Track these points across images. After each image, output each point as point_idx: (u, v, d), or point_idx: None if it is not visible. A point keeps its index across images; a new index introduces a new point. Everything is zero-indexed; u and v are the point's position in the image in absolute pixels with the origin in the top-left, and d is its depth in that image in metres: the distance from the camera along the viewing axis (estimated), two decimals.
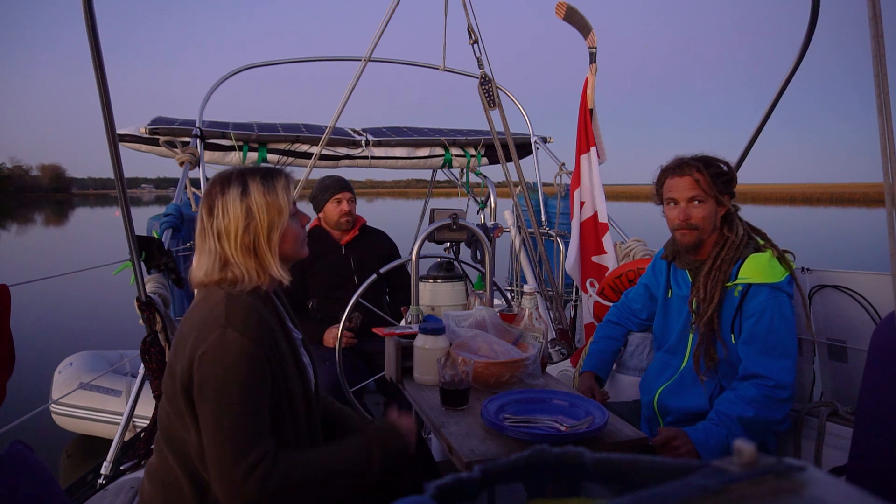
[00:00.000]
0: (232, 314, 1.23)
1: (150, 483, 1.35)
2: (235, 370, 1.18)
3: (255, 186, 1.31)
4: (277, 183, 1.34)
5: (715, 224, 1.81)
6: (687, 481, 0.37)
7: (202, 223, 1.32)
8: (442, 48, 3.80)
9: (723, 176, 1.79)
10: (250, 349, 1.20)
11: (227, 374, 1.18)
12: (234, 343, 1.19)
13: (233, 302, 1.26)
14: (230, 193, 1.30)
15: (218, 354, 1.19)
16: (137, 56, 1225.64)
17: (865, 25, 1.14)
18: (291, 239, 1.37)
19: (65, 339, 7.20)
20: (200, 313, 1.28)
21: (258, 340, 1.22)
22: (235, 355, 1.19)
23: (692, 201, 1.79)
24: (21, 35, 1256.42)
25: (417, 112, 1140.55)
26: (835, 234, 23.92)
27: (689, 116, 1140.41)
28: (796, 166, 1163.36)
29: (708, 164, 1.80)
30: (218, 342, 1.19)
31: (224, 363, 1.19)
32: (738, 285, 1.75)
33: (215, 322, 1.22)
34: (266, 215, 1.31)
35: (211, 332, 1.21)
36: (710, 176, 1.77)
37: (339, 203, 2.94)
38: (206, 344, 1.20)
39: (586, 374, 2.09)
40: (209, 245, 1.31)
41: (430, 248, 2.61)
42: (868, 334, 1.52)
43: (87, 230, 31.28)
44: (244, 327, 1.22)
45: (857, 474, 1.44)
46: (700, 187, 1.77)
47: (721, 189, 1.79)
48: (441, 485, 0.42)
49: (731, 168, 1.83)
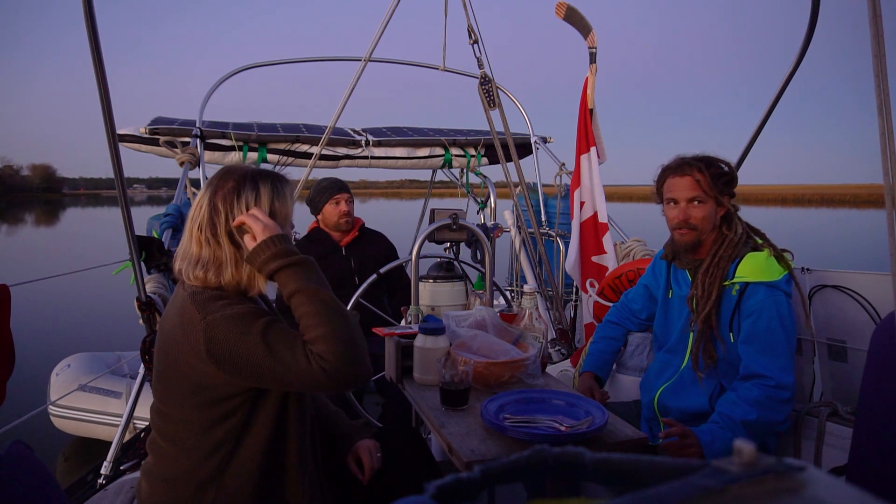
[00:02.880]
0: (200, 304, 1.25)
1: (147, 482, 1.36)
2: (243, 337, 1.21)
3: (266, 190, 1.33)
4: (286, 189, 1.37)
5: (714, 224, 1.81)
6: (687, 481, 0.37)
7: (206, 215, 1.31)
8: (442, 48, 3.80)
9: (724, 177, 1.79)
10: (234, 312, 1.23)
11: (242, 346, 1.20)
12: (219, 322, 1.22)
13: (196, 295, 1.27)
14: (244, 193, 1.31)
15: (219, 342, 1.21)
16: (137, 56, 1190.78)
17: (862, 26, 1.14)
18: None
19: (62, 340, 7.20)
20: (174, 322, 1.28)
21: (234, 306, 1.25)
22: (229, 329, 1.21)
23: (692, 202, 1.79)
24: (20, 35, 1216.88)
25: (417, 112, 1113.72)
26: (830, 235, 23.97)
27: (690, 116, 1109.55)
28: (787, 167, 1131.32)
29: (709, 164, 1.80)
30: (209, 333, 1.21)
31: (231, 343, 1.21)
32: (736, 284, 1.75)
33: (193, 320, 1.23)
34: (273, 220, 1.32)
35: (197, 333, 1.22)
36: (711, 176, 1.77)
37: (338, 204, 2.94)
38: (203, 344, 1.21)
39: (586, 375, 2.09)
40: (206, 239, 1.30)
41: (430, 249, 2.61)
42: (868, 334, 1.52)
43: (82, 230, 31.23)
44: (216, 306, 1.24)
45: (857, 474, 1.44)
46: (700, 188, 1.77)
47: (721, 190, 1.79)
48: (441, 485, 0.42)
49: (732, 168, 1.83)
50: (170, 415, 1.32)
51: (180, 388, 1.28)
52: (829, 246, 17.70)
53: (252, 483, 1.31)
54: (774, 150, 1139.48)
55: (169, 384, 1.30)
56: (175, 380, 1.29)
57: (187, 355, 1.24)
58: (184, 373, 1.26)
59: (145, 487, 1.37)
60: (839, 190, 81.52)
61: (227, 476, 1.30)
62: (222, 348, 1.21)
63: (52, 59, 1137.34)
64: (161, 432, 1.34)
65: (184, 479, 1.30)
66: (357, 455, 1.54)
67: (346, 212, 2.95)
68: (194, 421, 1.29)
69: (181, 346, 1.25)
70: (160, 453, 1.34)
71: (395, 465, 1.60)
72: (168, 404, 1.32)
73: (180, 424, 1.31)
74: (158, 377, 1.32)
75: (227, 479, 1.30)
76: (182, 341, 1.25)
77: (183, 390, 1.28)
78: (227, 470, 1.30)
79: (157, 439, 1.35)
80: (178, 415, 1.30)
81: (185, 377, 1.27)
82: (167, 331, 1.31)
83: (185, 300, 1.27)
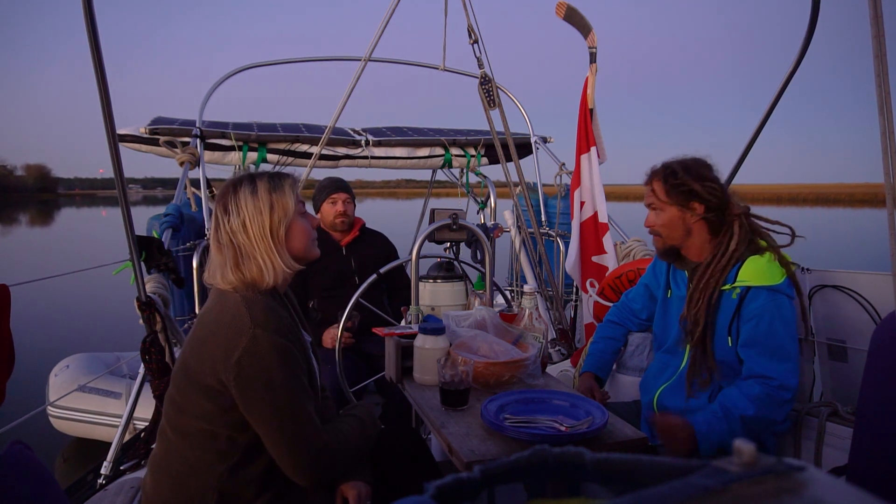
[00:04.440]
0: (255, 315, 1.29)
1: (154, 476, 1.36)
2: (275, 366, 1.26)
3: (263, 185, 1.39)
4: (284, 182, 1.42)
5: (687, 230, 1.80)
6: (687, 481, 0.37)
7: (217, 223, 1.38)
8: (442, 48, 3.80)
9: (680, 186, 1.77)
10: (281, 343, 1.28)
11: (269, 373, 1.25)
12: (265, 340, 1.26)
13: (252, 304, 1.31)
14: (242, 192, 1.38)
15: (254, 356, 1.25)
16: (138, 56, 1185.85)
17: (861, 25, 1.14)
18: (300, 234, 1.42)
19: (60, 340, 7.19)
20: (219, 316, 1.32)
21: (285, 334, 1.29)
22: (270, 352, 1.25)
23: (651, 208, 1.85)
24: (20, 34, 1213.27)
25: (417, 112, 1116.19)
26: (827, 234, 23.97)
27: (690, 116, 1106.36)
28: (785, 167, 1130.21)
29: (670, 173, 1.80)
30: (250, 344, 1.25)
31: (263, 363, 1.25)
32: (737, 288, 1.74)
33: (242, 325, 1.27)
34: (273, 211, 1.37)
35: (241, 337, 1.26)
36: (669, 185, 1.78)
37: (335, 203, 2.94)
38: (240, 350, 1.25)
39: (586, 375, 2.09)
40: (224, 242, 1.37)
41: (430, 249, 2.61)
42: (868, 334, 1.51)
43: (79, 230, 31.17)
44: (269, 324, 1.28)
45: (857, 474, 1.44)
46: (655, 196, 1.82)
47: (684, 198, 1.77)
48: (441, 485, 0.42)
49: (688, 181, 1.76)
50: (185, 408, 1.33)
51: (200, 383, 1.30)
52: (827, 245, 17.71)
53: (256, 492, 1.32)
54: (773, 150, 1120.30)
55: (190, 377, 1.32)
56: (197, 375, 1.30)
57: (216, 355, 1.27)
58: (207, 369, 1.29)
59: (150, 482, 1.37)
60: (835, 189, 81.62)
61: (232, 483, 1.30)
62: (253, 366, 1.25)
63: (50, 59, 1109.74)
64: (172, 423, 1.35)
65: (189, 476, 1.30)
66: (344, 495, 1.45)
67: (342, 211, 2.94)
68: (207, 419, 1.30)
69: (217, 340, 1.29)
70: (168, 445, 1.35)
71: (396, 466, 1.60)
72: (185, 397, 1.33)
73: (193, 419, 1.31)
74: (183, 367, 1.35)
75: (233, 486, 1.30)
76: (221, 338, 1.28)
77: (202, 385, 1.29)
78: (233, 477, 1.30)
79: (167, 430, 1.36)
80: (193, 409, 1.31)
81: (206, 374, 1.29)
82: (205, 323, 1.35)
83: (238, 302, 1.31)
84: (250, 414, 1.27)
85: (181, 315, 3.62)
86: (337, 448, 1.35)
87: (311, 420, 1.31)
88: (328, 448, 1.32)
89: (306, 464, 1.29)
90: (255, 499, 1.31)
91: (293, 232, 1.41)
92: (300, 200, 1.45)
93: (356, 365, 2.72)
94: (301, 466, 1.29)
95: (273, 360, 1.26)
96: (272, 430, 1.27)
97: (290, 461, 1.29)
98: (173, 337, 2.18)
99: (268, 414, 1.26)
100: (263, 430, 1.28)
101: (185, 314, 3.67)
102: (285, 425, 1.27)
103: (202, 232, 3.67)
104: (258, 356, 1.25)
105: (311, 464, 1.30)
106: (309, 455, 1.29)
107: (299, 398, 1.29)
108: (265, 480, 1.32)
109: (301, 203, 1.45)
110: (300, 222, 1.43)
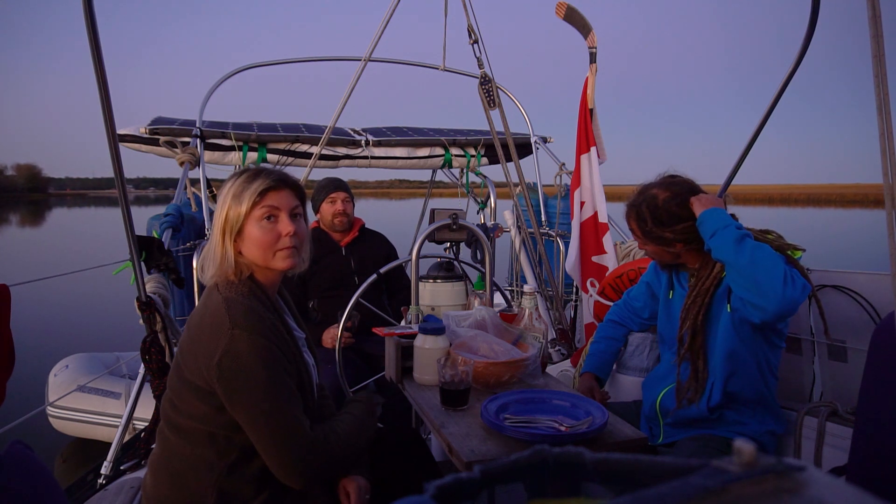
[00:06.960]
0: (234, 315, 1.27)
1: (154, 475, 1.37)
2: (256, 367, 1.24)
3: (237, 180, 1.38)
4: (252, 183, 1.36)
5: (676, 255, 1.81)
6: (687, 481, 0.37)
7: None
8: (442, 48, 3.81)
9: (651, 234, 1.78)
10: (260, 343, 1.26)
11: (250, 375, 1.24)
12: (244, 341, 1.24)
13: (232, 305, 1.30)
14: (226, 183, 1.40)
15: (234, 357, 1.24)
16: (137, 56, 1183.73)
17: (859, 25, 1.14)
18: (252, 240, 1.35)
19: (60, 340, 7.19)
20: (202, 318, 1.32)
21: (266, 334, 1.28)
22: (249, 352, 1.24)
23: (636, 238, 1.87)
24: (19, 34, 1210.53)
25: (417, 112, 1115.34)
26: (824, 234, 23.98)
27: (690, 116, 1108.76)
28: (782, 167, 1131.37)
29: (642, 220, 1.79)
30: (229, 345, 1.24)
31: (242, 363, 1.24)
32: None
33: (221, 326, 1.26)
34: (230, 209, 1.35)
35: (220, 338, 1.25)
36: (643, 232, 1.80)
37: (334, 203, 2.94)
38: (220, 351, 1.24)
39: (586, 375, 2.09)
40: (212, 237, 1.38)
41: (429, 249, 2.61)
42: (868, 334, 1.51)
43: (75, 230, 31.11)
44: (248, 324, 1.26)
45: (857, 474, 1.44)
46: (635, 234, 1.86)
47: (661, 241, 1.78)
48: (441, 485, 0.42)
49: (655, 229, 1.77)
50: (181, 408, 1.33)
51: (192, 383, 1.30)
52: (825, 245, 17.71)
53: (256, 490, 1.32)
54: (771, 150, 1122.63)
55: (183, 378, 1.32)
56: (188, 375, 1.31)
57: (200, 356, 1.27)
58: (195, 371, 1.29)
59: (150, 481, 1.38)
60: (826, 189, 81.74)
61: (231, 482, 1.30)
62: (232, 367, 1.24)
63: (49, 59, 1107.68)
64: (171, 423, 1.36)
65: (189, 476, 1.31)
66: (346, 489, 1.45)
67: (341, 210, 2.94)
68: (203, 419, 1.30)
69: (201, 341, 1.29)
70: (167, 444, 1.36)
71: (395, 466, 1.60)
72: (180, 398, 1.33)
73: (189, 420, 1.32)
74: (177, 369, 1.35)
75: (232, 484, 1.30)
76: (204, 339, 1.28)
77: (193, 386, 1.30)
78: (232, 476, 1.31)
79: (166, 430, 1.37)
80: (188, 410, 1.32)
81: (195, 375, 1.29)
82: (192, 325, 1.35)
83: (219, 303, 1.30)
84: (237, 415, 1.27)
85: (181, 315, 3.62)
86: (327, 449, 1.33)
87: (296, 421, 1.28)
88: (317, 449, 1.30)
89: (293, 465, 1.28)
90: (255, 496, 1.31)
91: (244, 235, 1.35)
92: (276, 207, 1.36)
93: (356, 365, 2.72)
94: (287, 468, 1.28)
95: (252, 361, 1.24)
96: (257, 430, 1.26)
97: (277, 462, 1.28)
98: (173, 337, 2.18)
99: (252, 414, 1.25)
100: (250, 430, 1.27)
101: (185, 314, 3.67)
102: (270, 426, 1.25)
103: (202, 232, 3.68)
104: (237, 357, 1.23)
105: (299, 465, 1.28)
106: (296, 457, 1.27)
107: (283, 399, 1.27)
108: (264, 478, 1.32)
109: (279, 210, 1.36)
110: (254, 229, 1.34)
